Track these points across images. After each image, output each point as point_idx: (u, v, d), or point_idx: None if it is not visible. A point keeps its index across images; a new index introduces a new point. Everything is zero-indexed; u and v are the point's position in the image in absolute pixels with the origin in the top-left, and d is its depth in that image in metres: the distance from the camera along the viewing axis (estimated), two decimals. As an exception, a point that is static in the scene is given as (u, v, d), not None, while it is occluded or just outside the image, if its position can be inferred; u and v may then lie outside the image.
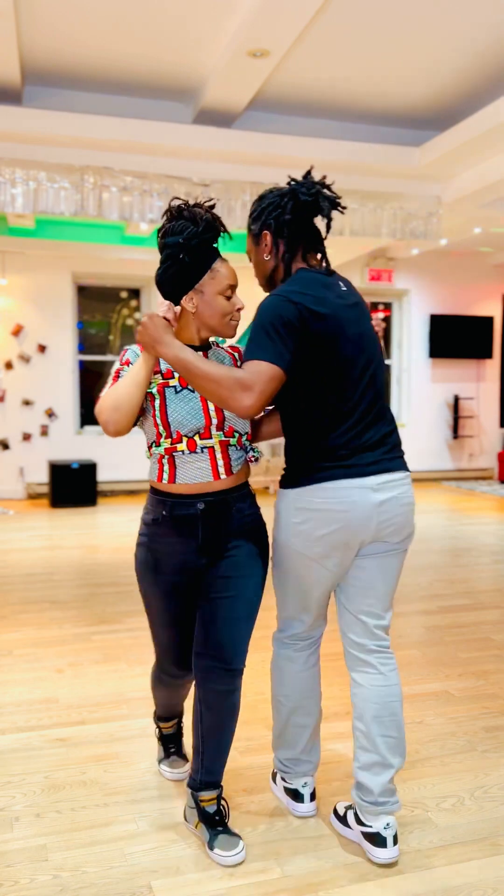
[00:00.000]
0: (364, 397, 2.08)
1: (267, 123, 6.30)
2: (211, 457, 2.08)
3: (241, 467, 2.16)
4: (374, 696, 2.12)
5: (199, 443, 2.07)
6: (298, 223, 2.11)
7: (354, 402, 2.07)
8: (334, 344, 2.03)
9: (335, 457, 2.05)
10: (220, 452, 2.09)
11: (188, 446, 2.07)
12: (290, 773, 2.31)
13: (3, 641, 3.89)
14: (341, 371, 2.05)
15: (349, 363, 2.06)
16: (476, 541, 6.55)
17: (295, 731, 2.27)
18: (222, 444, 2.09)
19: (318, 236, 2.16)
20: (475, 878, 2.00)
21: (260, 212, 2.15)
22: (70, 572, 5.41)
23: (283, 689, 2.27)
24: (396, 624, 4.18)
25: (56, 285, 9.29)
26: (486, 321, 10.83)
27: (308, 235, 2.14)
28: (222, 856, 2.06)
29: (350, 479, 2.04)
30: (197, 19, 4.81)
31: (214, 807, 2.15)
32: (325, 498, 2.05)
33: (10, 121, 5.69)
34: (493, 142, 6.04)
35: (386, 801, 2.09)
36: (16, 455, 9.27)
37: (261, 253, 2.17)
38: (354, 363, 2.07)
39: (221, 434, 2.09)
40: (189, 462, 2.08)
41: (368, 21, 4.81)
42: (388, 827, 2.06)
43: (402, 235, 7.16)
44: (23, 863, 2.07)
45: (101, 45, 5.17)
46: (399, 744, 2.12)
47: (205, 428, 2.07)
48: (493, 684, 3.32)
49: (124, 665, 3.56)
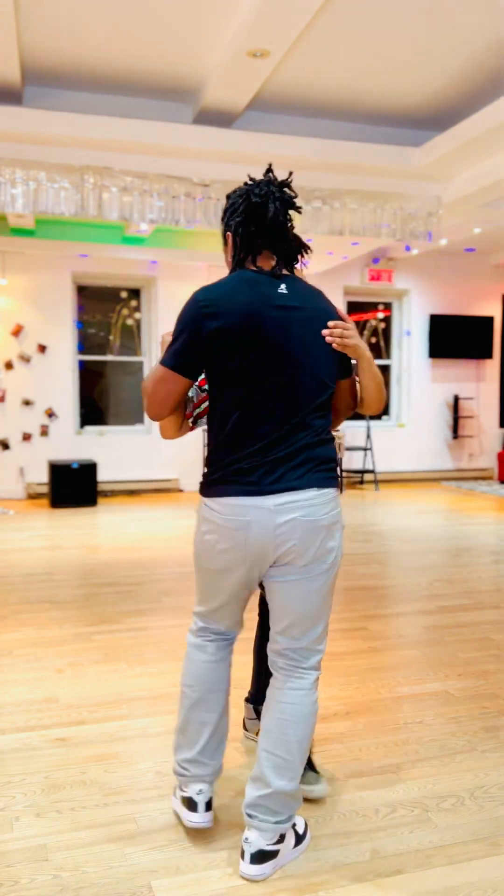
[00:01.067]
0: (277, 407, 1.98)
1: (267, 123, 6.31)
2: None
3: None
4: (273, 709, 2.08)
5: None
6: (249, 225, 2.07)
7: (264, 412, 1.97)
8: (237, 346, 1.95)
9: (236, 470, 1.99)
10: None
11: None
12: (186, 776, 2.19)
13: (3, 641, 3.89)
14: (248, 376, 1.96)
15: (258, 368, 1.96)
16: (476, 541, 6.55)
17: (196, 726, 2.18)
18: None
19: (278, 237, 2.08)
20: (475, 878, 2.00)
21: (223, 213, 2.16)
22: (70, 572, 5.41)
23: (188, 678, 2.21)
24: (396, 624, 4.18)
25: (56, 285, 9.29)
26: (486, 321, 10.83)
27: (265, 236, 2.06)
28: (306, 788, 2.19)
29: (247, 497, 1.97)
30: (197, 19, 4.81)
31: None
32: (223, 514, 2.00)
33: (10, 121, 5.69)
34: (493, 142, 6.04)
35: (254, 815, 2.03)
36: (16, 455, 9.27)
37: (227, 254, 2.17)
38: (266, 369, 1.96)
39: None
40: None
41: (368, 21, 4.81)
42: (246, 841, 2.01)
43: (402, 235, 7.16)
44: (23, 863, 2.07)
45: (101, 45, 5.17)
46: (288, 766, 2.02)
47: None
48: (493, 684, 3.32)
49: (124, 665, 3.56)
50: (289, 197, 2.09)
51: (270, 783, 2.02)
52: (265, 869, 2.00)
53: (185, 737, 2.20)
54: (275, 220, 2.05)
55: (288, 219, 2.09)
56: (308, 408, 2.02)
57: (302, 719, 2.06)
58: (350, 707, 3.08)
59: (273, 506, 1.96)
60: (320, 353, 2.04)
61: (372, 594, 4.79)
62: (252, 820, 2.03)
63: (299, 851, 2.11)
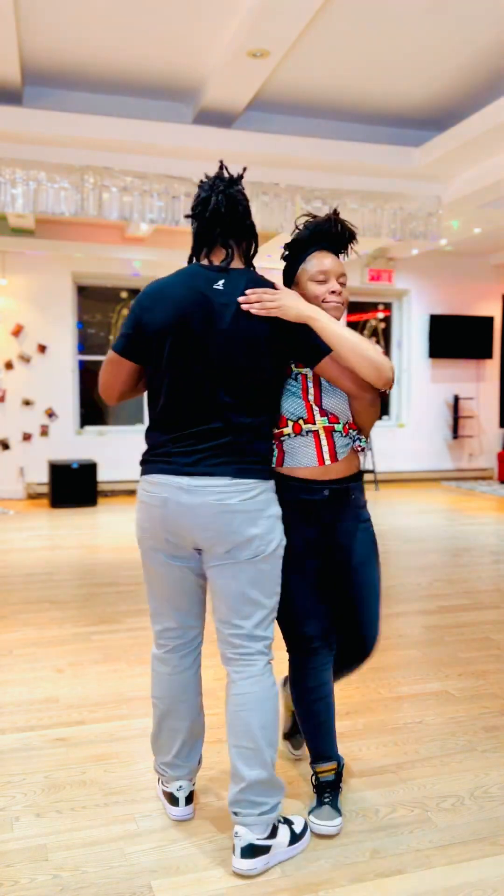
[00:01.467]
0: (200, 394, 2.02)
1: (267, 123, 6.30)
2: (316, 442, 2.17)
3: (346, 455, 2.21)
4: (229, 704, 2.09)
5: (303, 427, 2.17)
6: (198, 220, 2.12)
7: (187, 402, 2.03)
8: (164, 338, 2.03)
9: (159, 452, 2.08)
10: (325, 438, 2.17)
11: (294, 430, 2.19)
12: (166, 776, 2.28)
13: (3, 641, 3.89)
14: (173, 367, 2.03)
15: (183, 361, 2.02)
16: (476, 541, 6.55)
17: (168, 734, 2.23)
18: (326, 429, 2.17)
19: (226, 230, 2.09)
20: (475, 878, 2.00)
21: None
22: (70, 572, 5.41)
23: (154, 690, 2.26)
24: (396, 624, 4.18)
25: (56, 285, 9.29)
26: (486, 321, 10.83)
27: (211, 230, 2.09)
28: (317, 823, 2.18)
29: (166, 476, 2.04)
30: (197, 19, 4.81)
31: (330, 777, 2.26)
32: (147, 491, 2.09)
33: (10, 121, 5.69)
34: (493, 142, 6.04)
35: (238, 811, 2.05)
36: (16, 455, 9.27)
37: None
38: (189, 362, 2.02)
39: (325, 420, 2.17)
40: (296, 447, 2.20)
41: (368, 21, 4.81)
42: (237, 836, 2.03)
43: (403, 235, 7.16)
44: (23, 863, 2.07)
45: (101, 45, 5.17)
46: (255, 755, 2.04)
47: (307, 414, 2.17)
48: (493, 684, 3.32)
49: (124, 665, 3.56)
50: (233, 191, 2.10)
51: (244, 776, 2.04)
52: (257, 864, 2.01)
53: (159, 744, 2.28)
54: (216, 213, 2.08)
55: (236, 212, 2.09)
56: (235, 400, 2.03)
57: (259, 705, 2.06)
58: (350, 707, 3.08)
59: (187, 485, 2.01)
60: (254, 347, 2.02)
61: (372, 594, 4.79)
62: (237, 817, 2.06)
63: (296, 850, 2.11)
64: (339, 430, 2.17)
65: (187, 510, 2.01)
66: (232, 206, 2.09)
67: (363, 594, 2.23)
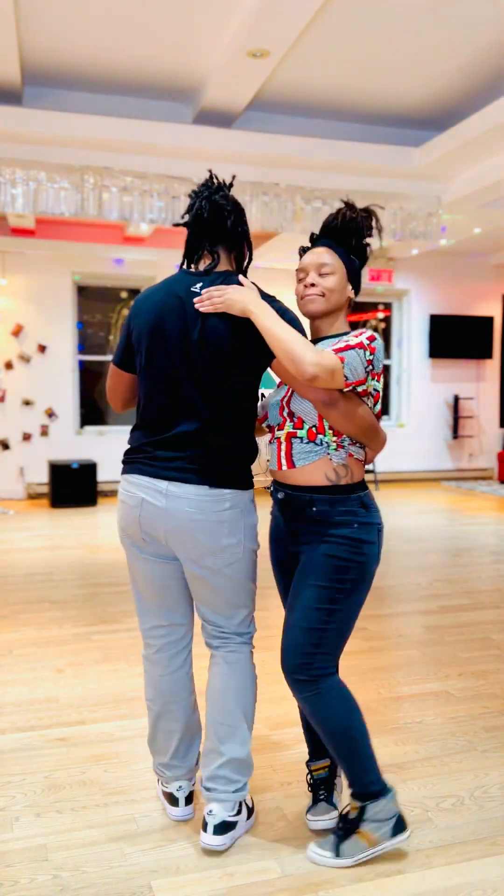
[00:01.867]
0: (176, 396, 2.04)
1: (267, 123, 6.30)
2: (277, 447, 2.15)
3: (311, 462, 2.05)
4: (211, 682, 2.16)
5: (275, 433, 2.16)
6: (187, 227, 2.14)
7: (161, 403, 2.06)
8: (144, 344, 2.08)
9: (140, 452, 2.10)
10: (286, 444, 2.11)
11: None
12: (164, 777, 2.29)
13: (3, 641, 3.89)
14: (153, 372, 2.07)
15: (161, 365, 2.05)
16: (476, 541, 6.55)
17: (164, 735, 2.25)
18: (288, 435, 2.10)
19: (210, 237, 2.10)
20: (475, 878, 2.00)
21: None
22: (70, 572, 5.41)
23: (147, 692, 2.28)
24: (396, 624, 4.18)
25: (56, 285, 9.29)
26: (486, 321, 10.83)
27: (198, 237, 2.11)
28: (313, 820, 2.20)
29: (144, 477, 2.07)
30: (197, 19, 4.81)
31: (323, 774, 2.28)
32: (126, 490, 2.12)
33: (10, 121, 5.69)
34: (493, 142, 6.04)
35: (213, 787, 2.12)
36: (16, 455, 9.27)
37: None
38: (166, 366, 2.04)
39: (291, 426, 2.09)
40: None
41: (368, 21, 4.81)
42: (210, 813, 2.10)
43: (403, 235, 7.16)
44: (23, 863, 2.07)
45: (101, 45, 5.17)
46: (235, 733, 2.12)
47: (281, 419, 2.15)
48: (493, 684, 3.32)
49: (124, 665, 3.56)
50: (217, 198, 2.09)
51: (223, 752, 2.12)
52: (226, 839, 2.10)
53: (156, 745, 2.30)
54: (198, 219, 2.09)
55: (220, 218, 2.08)
56: (211, 402, 2.02)
57: (241, 685, 2.14)
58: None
59: (165, 489, 2.04)
60: (220, 348, 2.00)
61: (372, 594, 4.79)
62: (212, 793, 2.12)
63: (250, 824, 2.23)
64: (302, 436, 2.05)
65: (162, 513, 2.04)
66: (216, 212, 2.08)
67: (294, 607, 2.06)
